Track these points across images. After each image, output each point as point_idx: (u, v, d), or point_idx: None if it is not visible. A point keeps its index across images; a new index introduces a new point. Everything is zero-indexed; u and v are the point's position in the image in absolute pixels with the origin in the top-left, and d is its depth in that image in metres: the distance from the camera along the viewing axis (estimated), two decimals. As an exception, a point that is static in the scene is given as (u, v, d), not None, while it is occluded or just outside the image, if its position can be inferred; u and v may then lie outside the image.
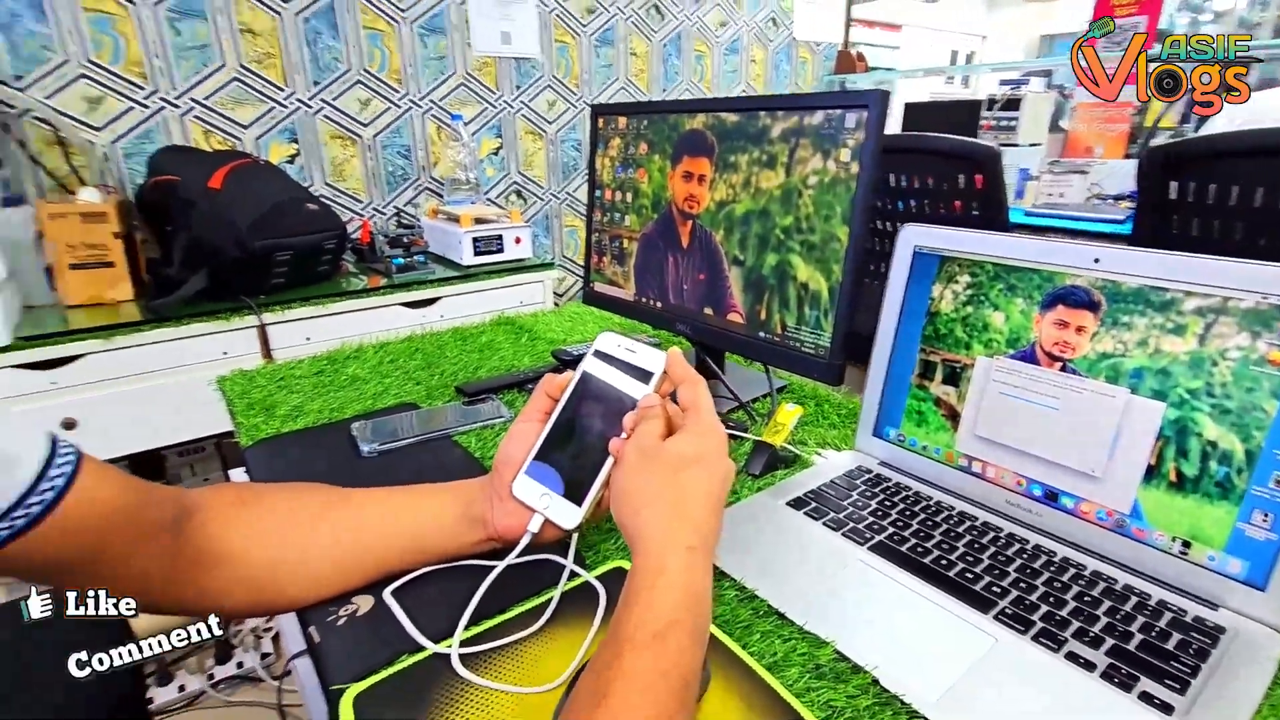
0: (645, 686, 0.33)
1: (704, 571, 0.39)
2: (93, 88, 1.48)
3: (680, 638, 0.35)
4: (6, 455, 0.40)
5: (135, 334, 1.25)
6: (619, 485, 0.44)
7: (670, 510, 0.41)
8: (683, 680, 0.35)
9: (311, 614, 0.49)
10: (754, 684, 0.42)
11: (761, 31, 2.57)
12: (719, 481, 0.43)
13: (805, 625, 0.46)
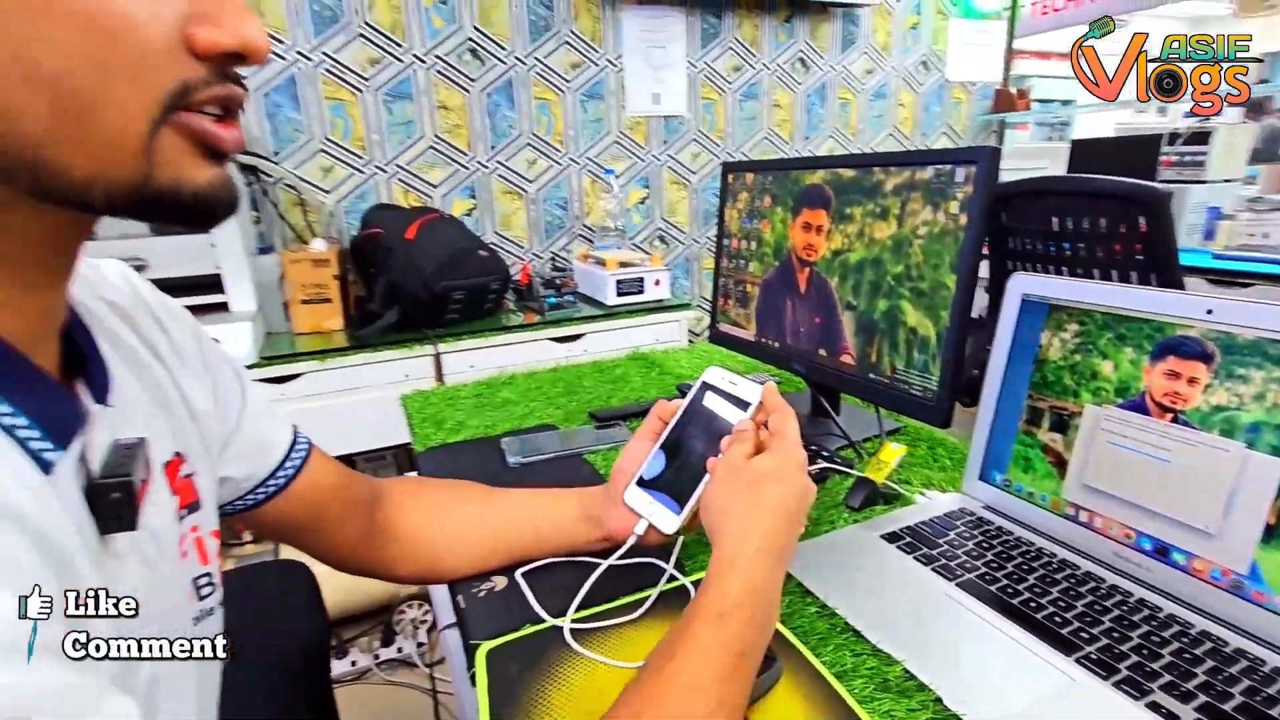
0: (705, 651, 0.40)
1: (768, 570, 0.45)
2: (326, 159, 1.84)
3: (740, 619, 0.42)
4: (265, 441, 0.55)
5: (342, 358, 1.52)
6: (709, 494, 0.51)
7: (745, 517, 0.47)
8: (739, 653, 0.41)
9: (460, 587, 0.60)
10: (820, 686, 0.46)
11: (911, 75, 2.55)
12: (793, 497, 0.48)
13: (878, 644, 0.49)
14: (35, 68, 0.26)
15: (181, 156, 0.30)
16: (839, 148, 2.51)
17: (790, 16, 2.30)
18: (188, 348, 0.48)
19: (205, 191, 0.31)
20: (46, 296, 0.33)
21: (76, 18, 0.26)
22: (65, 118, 0.27)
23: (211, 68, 0.30)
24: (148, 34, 0.28)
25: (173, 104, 0.29)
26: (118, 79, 0.27)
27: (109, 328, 0.41)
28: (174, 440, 0.44)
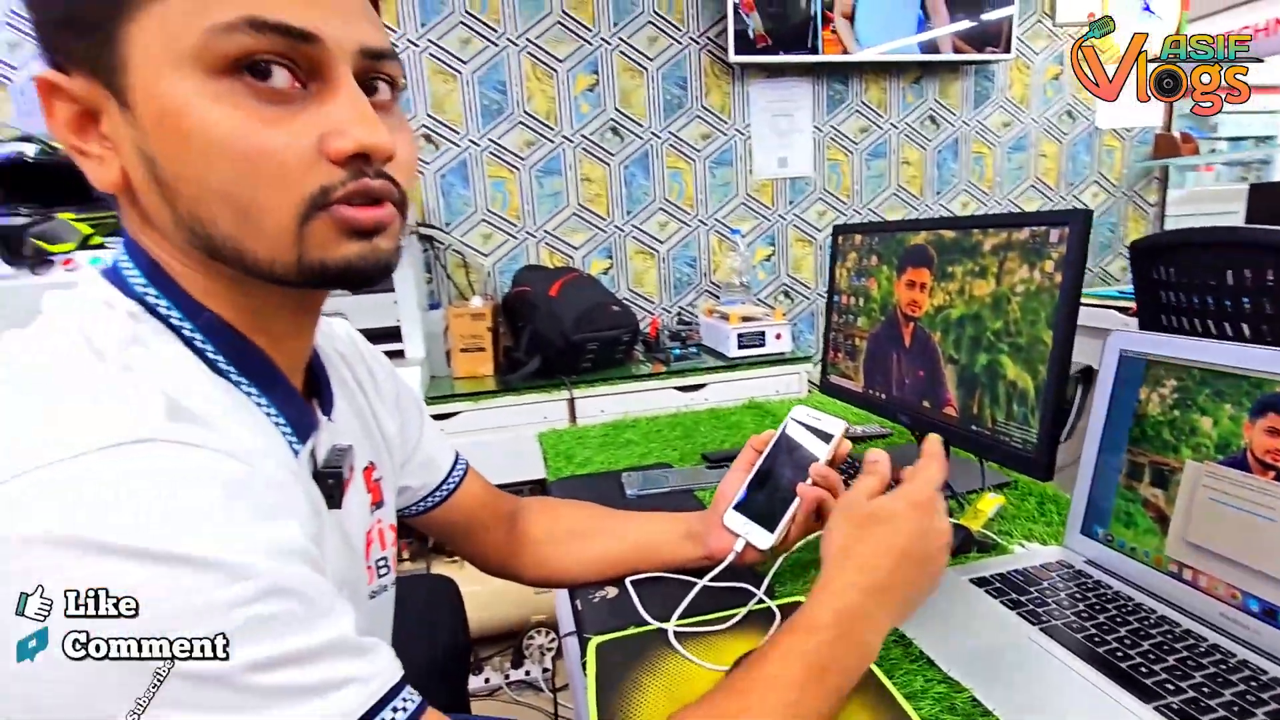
0: (785, 657, 0.46)
1: (862, 603, 0.48)
2: (487, 228, 2.13)
3: (823, 638, 0.46)
4: (435, 460, 0.70)
5: (491, 399, 1.73)
6: (828, 525, 0.55)
7: (845, 551, 0.51)
8: (819, 667, 0.45)
9: (578, 592, 0.71)
10: (888, 703, 0.51)
11: (1053, 126, 2.46)
12: (902, 537, 0.51)
13: (949, 671, 0.53)
14: (215, 188, 0.37)
15: (328, 239, 0.38)
16: (973, 201, 2.47)
17: (919, 78, 2.34)
18: (385, 388, 0.64)
19: (352, 263, 0.39)
20: (298, 342, 0.48)
21: (232, 152, 0.36)
22: (241, 220, 0.37)
23: (350, 169, 0.38)
24: (284, 156, 0.36)
25: (316, 202, 0.37)
26: (266, 190, 0.37)
27: (336, 367, 0.57)
28: (370, 452, 0.58)
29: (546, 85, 2.08)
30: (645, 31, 2.13)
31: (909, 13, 2.17)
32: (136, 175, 0.38)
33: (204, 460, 0.33)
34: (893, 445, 1.09)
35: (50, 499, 0.29)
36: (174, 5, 0.35)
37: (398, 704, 0.36)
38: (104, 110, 0.38)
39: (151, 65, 0.35)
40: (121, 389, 0.34)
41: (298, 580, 0.33)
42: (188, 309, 0.41)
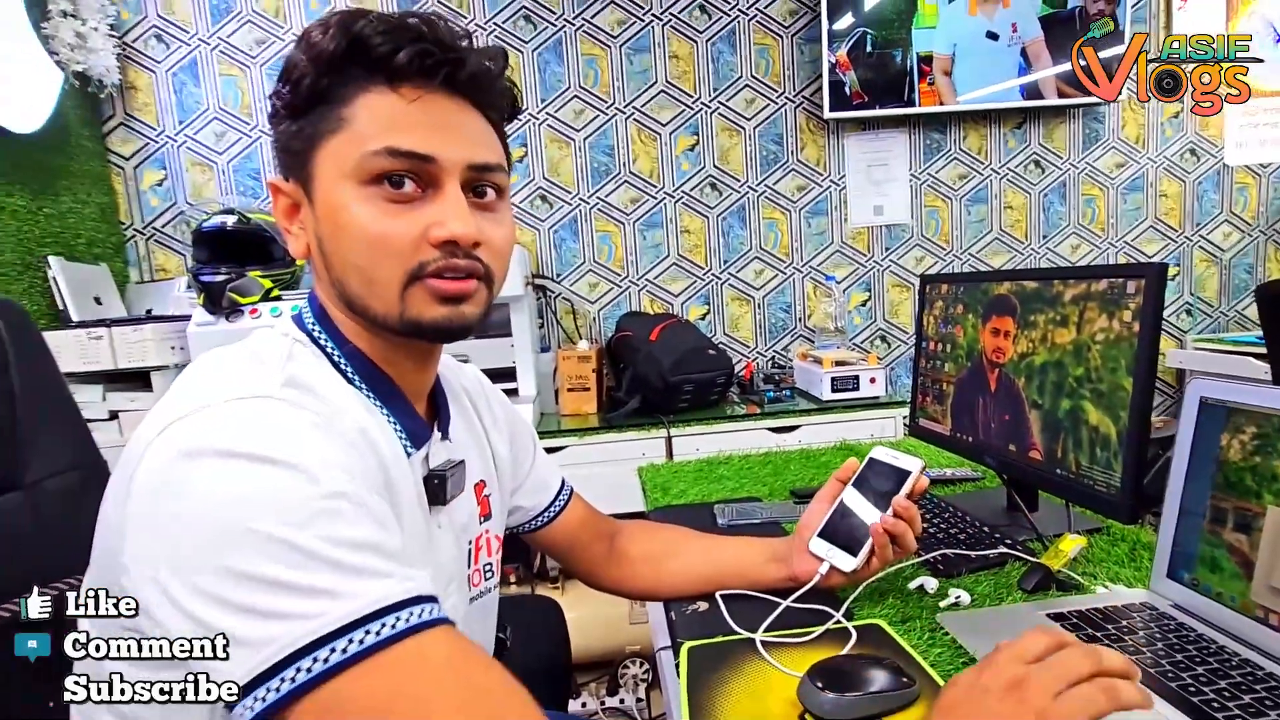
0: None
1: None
2: (593, 277, 2.31)
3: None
4: (545, 484, 0.82)
5: (595, 436, 1.86)
6: (967, 675, 0.47)
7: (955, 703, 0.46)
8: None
9: (672, 605, 0.79)
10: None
11: (1174, 164, 2.36)
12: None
13: (1015, 691, 0.57)
14: (351, 261, 0.52)
15: (422, 303, 0.52)
16: (1084, 244, 2.39)
17: (1021, 123, 2.32)
18: (501, 419, 0.76)
19: (437, 323, 0.52)
20: (419, 376, 0.61)
21: (363, 232, 0.50)
22: (365, 285, 0.52)
23: (444, 251, 0.51)
24: (399, 241, 0.50)
25: (416, 274, 0.51)
26: (382, 263, 0.51)
27: (459, 399, 0.70)
28: (482, 471, 0.70)
29: (650, 147, 2.26)
30: (743, 94, 2.27)
31: (1009, 60, 2.19)
32: (314, 249, 0.55)
33: (299, 411, 0.46)
34: (983, 489, 1.11)
35: (197, 427, 0.44)
36: (343, 138, 0.51)
37: (429, 607, 0.43)
38: (302, 204, 0.55)
39: (327, 177, 0.52)
40: (258, 372, 0.49)
41: (358, 493, 0.45)
42: (338, 341, 0.56)
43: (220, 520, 0.40)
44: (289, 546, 0.40)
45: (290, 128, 0.53)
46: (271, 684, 0.39)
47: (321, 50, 0.50)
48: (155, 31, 2.08)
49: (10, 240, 1.68)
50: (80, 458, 0.76)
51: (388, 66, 0.50)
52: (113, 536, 0.45)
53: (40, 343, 0.75)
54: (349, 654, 0.39)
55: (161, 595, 0.41)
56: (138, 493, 0.43)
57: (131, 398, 1.73)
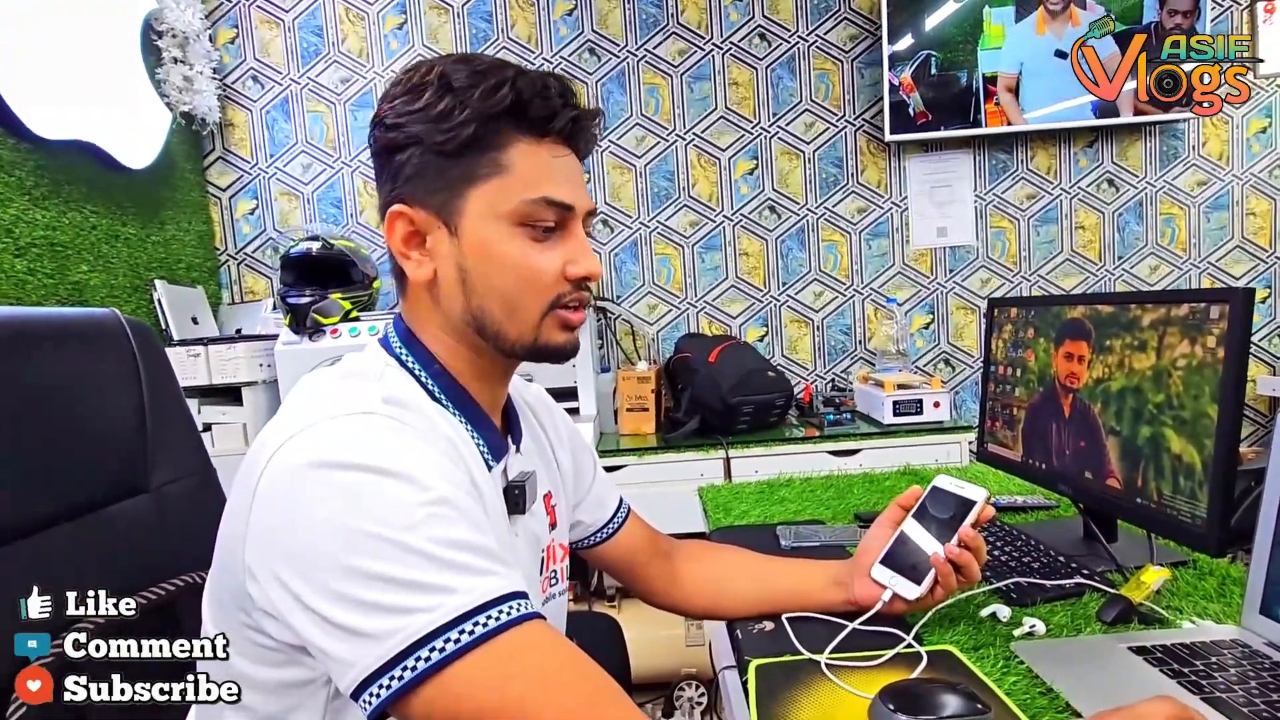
0: None
1: None
2: (653, 299, 2.35)
3: None
4: (604, 501, 0.85)
5: (654, 455, 1.89)
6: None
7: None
8: None
9: (738, 625, 0.80)
10: (1028, 739, 0.55)
11: (1262, 182, 2.24)
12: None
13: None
14: (496, 288, 0.58)
15: (552, 330, 0.59)
16: (1163, 265, 2.29)
17: (1093, 141, 2.26)
18: (564, 435, 0.80)
19: (563, 348, 0.61)
20: (498, 392, 0.66)
21: (517, 266, 0.57)
22: (507, 312, 0.58)
23: (574, 284, 0.59)
24: (545, 275, 0.58)
25: (553, 305, 0.59)
26: (529, 293, 0.58)
27: (526, 415, 0.75)
28: (549, 483, 0.74)
29: (710, 172, 2.30)
30: (803, 118, 2.29)
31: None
32: (447, 276, 0.59)
33: (400, 425, 0.51)
34: (1057, 518, 1.08)
35: (314, 441, 0.48)
36: (501, 183, 0.57)
37: (524, 603, 0.47)
38: (431, 233, 0.59)
39: (478, 214, 0.58)
40: (360, 391, 0.54)
41: (459, 499, 0.49)
42: (424, 361, 0.61)
43: (339, 526, 0.45)
44: (404, 548, 0.44)
45: (437, 164, 0.57)
46: (394, 672, 0.43)
47: (488, 107, 0.55)
48: (252, 73, 2.26)
49: (123, 265, 1.84)
50: (195, 465, 0.83)
51: (542, 125, 0.57)
52: (235, 542, 0.50)
53: (164, 358, 0.84)
54: (463, 643, 0.43)
55: (286, 595, 0.46)
56: (260, 503, 0.48)
57: (223, 411, 1.86)
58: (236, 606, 0.52)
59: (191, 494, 0.80)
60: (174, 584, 0.73)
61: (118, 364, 0.75)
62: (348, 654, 0.44)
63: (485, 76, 0.56)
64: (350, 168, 2.29)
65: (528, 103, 0.56)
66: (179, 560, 0.74)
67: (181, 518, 0.77)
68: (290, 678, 0.51)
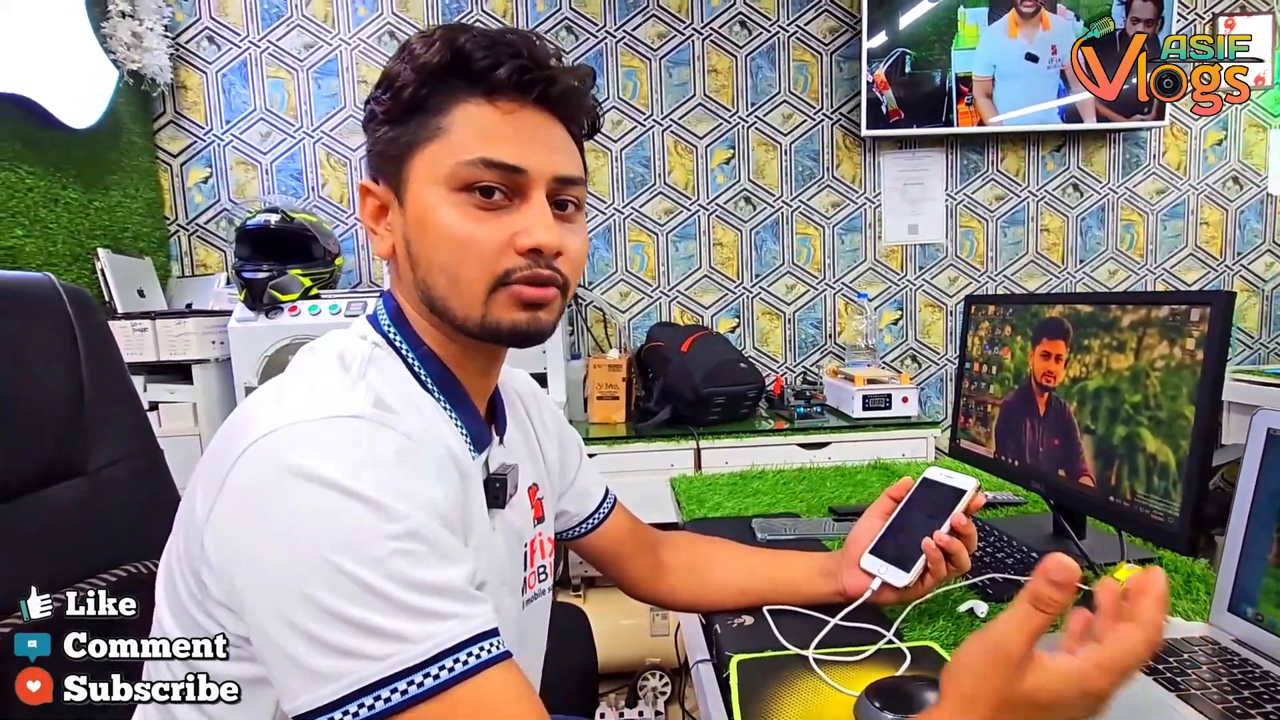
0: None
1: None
2: (625, 287, 2.32)
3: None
4: (589, 491, 0.82)
5: (624, 444, 1.87)
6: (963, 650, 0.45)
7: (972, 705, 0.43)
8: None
9: (716, 618, 0.79)
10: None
11: (1216, 193, 2.32)
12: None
13: (1078, 721, 0.56)
14: (438, 263, 0.53)
15: (505, 308, 0.53)
16: (1121, 270, 2.36)
17: (1060, 146, 2.31)
18: (549, 424, 0.77)
19: (518, 327, 0.54)
20: (484, 380, 0.62)
21: (451, 239, 0.52)
22: (451, 286, 0.53)
23: (529, 258, 0.52)
24: (485, 246, 0.52)
25: (501, 280, 0.52)
26: (468, 266, 0.52)
27: (513, 404, 0.71)
28: (534, 475, 0.71)
29: (686, 159, 2.28)
30: (780, 110, 2.28)
31: (1048, 82, 2.18)
32: (400, 251, 0.56)
33: (389, 435, 0.47)
34: (1027, 514, 1.09)
35: (295, 441, 0.44)
36: (439, 145, 0.52)
37: (487, 645, 0.44)
38: (390, 206, 0.56)
39: (419, 182, 0.53)
40: (350, 386, 0.50)
41: (430, 530, 0.45)
42: (412, 343, 0.57)
43: (304, 547, 0.42)
44: (363, 586, 0.41)
45: (387, 133, 0.54)
46: (334, 716, 0.40)
47: (425, 62, 0.52)
48: (208, 33, 2.14)
49: (63, 232, 1.72)
50: (139, 446, 0.77)
51: (487, 80, 0.52)
52: (194, 523, 0.46)
53: (105, 330, 0.77)
54: (410, 694, 0.41)
55: (241, 601, 0.43)
56: (230, 492, 0.44)
57: (172, 390, 1.76)
58: (190, 590, 0.48)
59: (135, 478, 0.74)
60: (115, 574, 0.67)
61: (52, 334, 0.69)
62: (292, 684, 0.41)
63: (432, 35, 0.52)
64: (313, 139, 2.19)
65: (468, 55, 0.51)
66: (120, 549, 0.69)
67: (123, 503, 0.71)
68: (245, 674, 0.48)
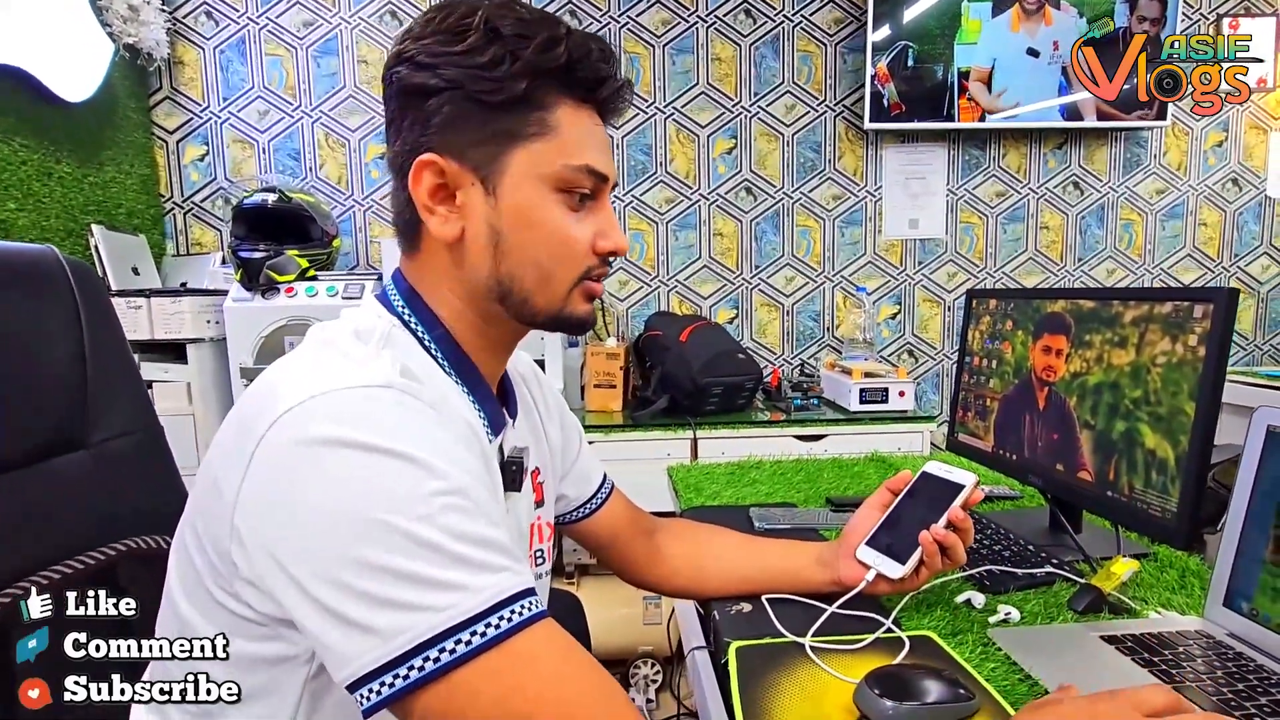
0: None
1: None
2: (624, 275, 2.31)
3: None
4: (588, 476, 0.82)
5: (621, 433, 1.87)
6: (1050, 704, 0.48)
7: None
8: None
9: (714, 605, 0.79)
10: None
11: (1215, 194, 2.33)
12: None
13: (1075, 710, 0.56)
14: (531, 255, 0.55)
15: (579, 301, 0.58)
16: (1120, 269, 2.37)
17: (1062, 144, 2.31)
18: (553, 408, 0.77)
19: (586, 318, 0.59)
20: (500, 362, 0.63)
21: (555, 234, 0.55)
22: (540, 280, 0.55)
23: (601, 258, 0.57)
24: (578, 245, 0.55)
25: (582, 277, 0.57)
26: (564, 264, 0.55)
27: (519, 387, 0.71)
28: (538, 458, 0.71)
29: (688, 148, 2.27)
30: (784, 100, 2.27)
31: (1049, 79, 2.17)
32: (477, 236, 0.55)
33: (418, 403, 0.47)
34: (1023, 508, 1.10)
35: (326, 412, 0.44)
36: (547, 145, 0.54)
37: (534, 600, 0.45)
38: (463, 189, 0.54)
39: (519, 176, 0.54)
40: (373, 357, 0.50)
41: (473, 489, 0.46)
42: (428, 324, 0.57)
43: (351, 512, 0.41)
44: (417, 540, 0.41)
45: (477, 116, 0.52)
46: (399, 671, 0.40)
47: (541, 64, 0.52)
48: (206, 8, 2.10)
49: (56, 206, 1.70)
50: (141, 422, 0.77)
51: (587, 88, 0.55)
52: (221, 503, 0.45)
53: (107, 304, 0.76)
54: (473, 645, 0.41)
55: (282, 576, 0.42)
56: (259, 470, 0.44)
57: (165, 369, 1.75)
58: (212, 570, 0.47)
59: (136, 452, 0.73)
60: (115, 548, 0.67)
61: (55, 306, 0.68)
62: (349, 648, 0.41)
63: (536, 29, 0.52)
64: (311, 118, 2.17)
65: (577, 63, 0.53)
66: (120, 523, 0.69)
67: (124, 477, 0.71)
68: (269, 653, 0.47)
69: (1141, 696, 0.45)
